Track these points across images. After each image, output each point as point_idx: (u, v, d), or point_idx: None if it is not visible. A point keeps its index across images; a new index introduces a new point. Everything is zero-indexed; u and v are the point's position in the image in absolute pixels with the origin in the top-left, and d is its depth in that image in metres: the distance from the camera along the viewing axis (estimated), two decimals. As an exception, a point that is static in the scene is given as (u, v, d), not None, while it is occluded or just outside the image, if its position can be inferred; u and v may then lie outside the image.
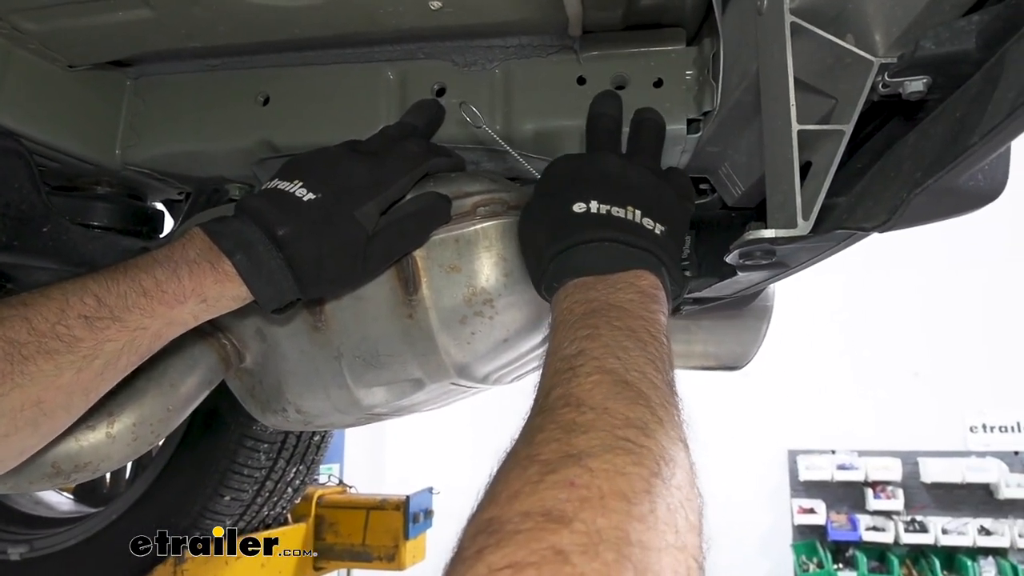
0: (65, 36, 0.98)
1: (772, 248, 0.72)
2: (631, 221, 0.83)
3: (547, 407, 0.63)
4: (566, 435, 0.57)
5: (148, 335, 0.79)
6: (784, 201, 0.72)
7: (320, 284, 0.87)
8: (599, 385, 0.63)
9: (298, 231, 0.83)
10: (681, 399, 0.69)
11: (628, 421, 0.59)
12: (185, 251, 0.81)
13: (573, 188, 0.86)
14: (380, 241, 0.89)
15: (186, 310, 0.80)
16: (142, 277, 0.78)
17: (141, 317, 0.77)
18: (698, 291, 1.03)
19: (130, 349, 0.77)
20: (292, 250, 0.83)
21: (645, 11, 0.97)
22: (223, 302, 0.83)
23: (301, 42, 1.04)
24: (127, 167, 1.15)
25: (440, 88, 1.07)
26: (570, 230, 0.83)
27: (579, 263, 0.81)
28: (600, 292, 0.77)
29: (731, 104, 0.92)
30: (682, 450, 0.60)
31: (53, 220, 1.07)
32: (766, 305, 1.15)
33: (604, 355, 0.67)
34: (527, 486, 0.52)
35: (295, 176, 0.88)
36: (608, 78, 1.02)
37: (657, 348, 0.70)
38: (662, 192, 0.88)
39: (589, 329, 0.71)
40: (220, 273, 0.81)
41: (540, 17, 0.96)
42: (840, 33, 0.75)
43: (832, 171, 0.71)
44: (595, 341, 0.69)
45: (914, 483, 6.27)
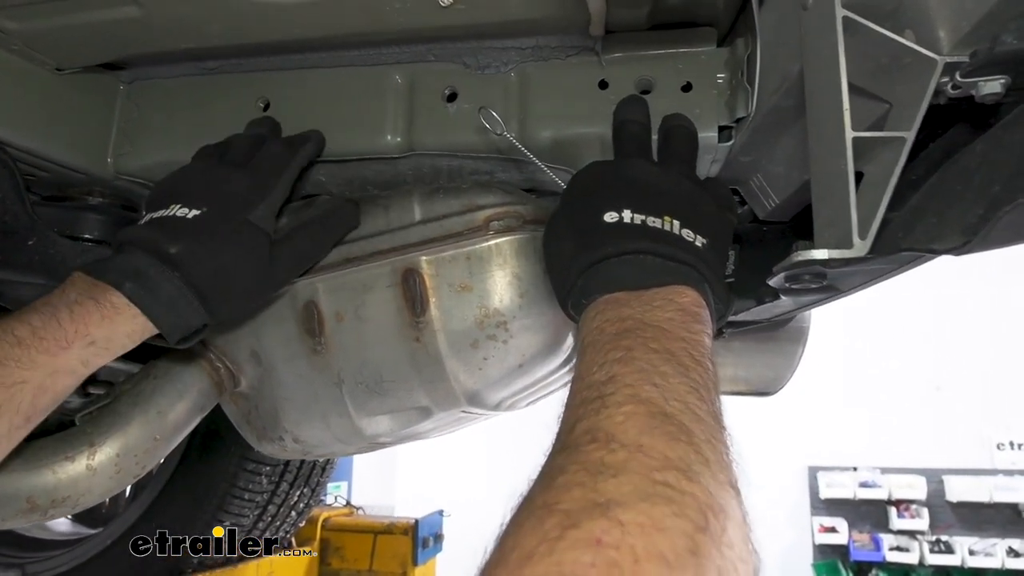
0: (50, 36, 0.91)
1: (823, 271, 0.64)
2: (669, 232, 0.75)
3: (571, 443, 0.54)
4: (592, 479, 0.48)
5: (30, 390, 0.71)
6: (836, 217, 0.64)
7: (227, 300, 0.80)
8: (633, 417, 0.54)
9: (191, 247, 0.76)
10: (730, 433, 0.60)
11: (668, 462, 0.50)
12: (64, 294, 0.75)
13: (603, 196, 0.78)
14: (287, 246, 0.84)
15: (72, 356, 0.73)
16: (15, 326, 0.72)
17: (17, 370, 0.70)
18: (733, 315, 0.95)
19: (10, 409, 0.70)
20: (188, 267, 0.76)
21: (673, 8, 0.90)
22: (116, 341, 0.76)
23: (302, 43, 0.97)
24: (120, 176, 1.08)
25: (451, 92, 0.99)
26: (601, 241, 0.74)
27: (611, 277, 0.73)
28: (635, 310, 0.69)
29: (767, 109, 0.84)
30: (733, 498, 0.51)
31: (39, 232, 1.00)
32: (802, 327, 1.07)
33: (639, 381, 0.58)
34: (543, 544, 0.43)
35: (168, 201, 0.82)
36: (632, 82, 0.95)
37: (701, 374, 0.62)
38: (701, 201, 0.80)
39: (622, 351, 0.63)
40: (106, 309, 0.74)
41: (559, 15, 0.88)
42: (898, 29, 0.67)
43: (892, 184, 0.63)
44: (629, 365, 0.61)
45: (939, 502, 6.12)
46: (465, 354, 0.88)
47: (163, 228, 0.78)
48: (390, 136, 0.99)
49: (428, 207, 0.92)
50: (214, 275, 0.77)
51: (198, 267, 0.76)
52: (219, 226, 0.79)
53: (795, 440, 6.40)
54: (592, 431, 0.54)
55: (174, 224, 0.79)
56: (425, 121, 0.99)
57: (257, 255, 0.80)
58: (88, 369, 0.75)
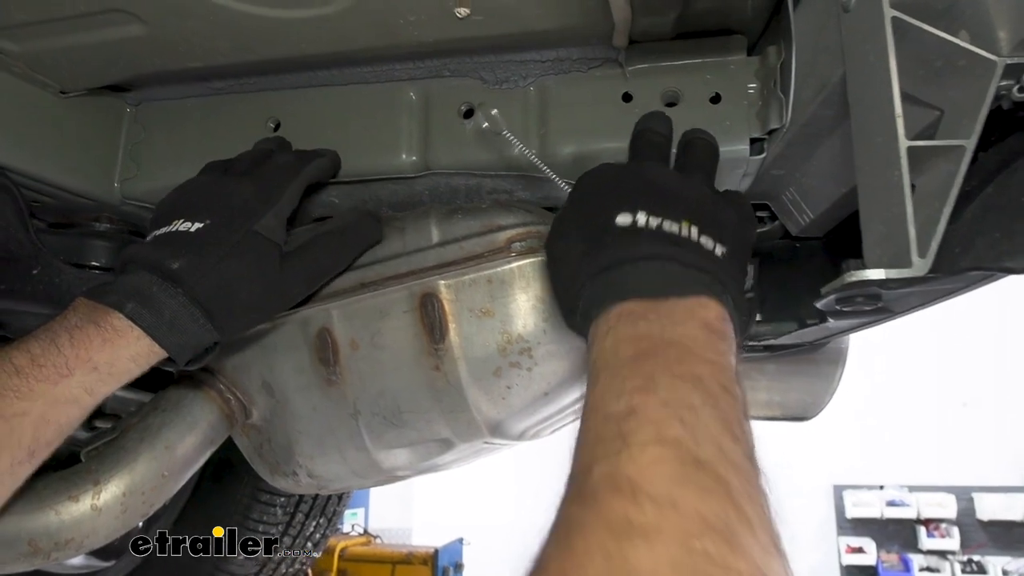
0: (53, 58, 0.88)
1: (878, 292, 0.59)
2: (687, 238, 0.68)
3: (589, 492, 0.48)
4: (618, 543, 0.42)
5: (31, 422, 0.67)
6: (890, 234, 0.59)
7: (237, 315, 0.76)
8: (661, 464, 0.47)
9: (193, 261, 0.72)
10: (767, 477, 0.54)
11: (705, 523, 0.43)
12: (65, 319, 0.71)
13: (616, 196, 0.71)
14: (299, 258, 0.79)
15: (74, 384, 0.69)
16: (14, 355, 0.68)
17: (17, 401, 0.66)
18: (772, 338, 0.90)
19: (10, 443, 0.66)
20: (192, 282, 0.72)
21: (701, 16, 0.85)
22: (120, 366, 0.71)
23: (313, 60, 0.93)
24: (127, 201, 1.05)
25: (468, 108, 0.95)
26: (614, 243, 0.68)
27: (625, 284, 0.66)
28: (654, 325, 0.62)
29: (804, 120, 0.80)
30: (781, 566, 0.45)
31: (44, 261, 0.97)
32: (840, 347, 1.02)
33: (665, 417, 0.51)
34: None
35: (171, 217, 0.78)
36: (658, 93, 0.90)
37: (731, 404, 0.56)
38: (721, 209, 0.74)
39: (642, 378, 0.56)
40: (107, 332, 0.70)
41: (581, 26, 0.84)
42: (952, 29, 0.62)
43: (952, 196, 0.58)
44: (651, 396, 0.54)
45: (969, 520, 5.99)
46: (487, 383, 0.84)
47: (166, 244, 0.75)
48: (405, 155, 0.95)
49: (446, 228, 0.88)
50: (219, 289, 0.73)
51: (202, 281, 0.72)
52: (223, 237, 0.75)
53: (820, 457, 6.29)
54: (613, 478, 0.47)
55: (177, 239, 0.75)
56: (441, 139, 0.95)
57: (265, 266, 0.76)
58: (93, 398, 0.71)
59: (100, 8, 0.78)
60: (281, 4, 0.79)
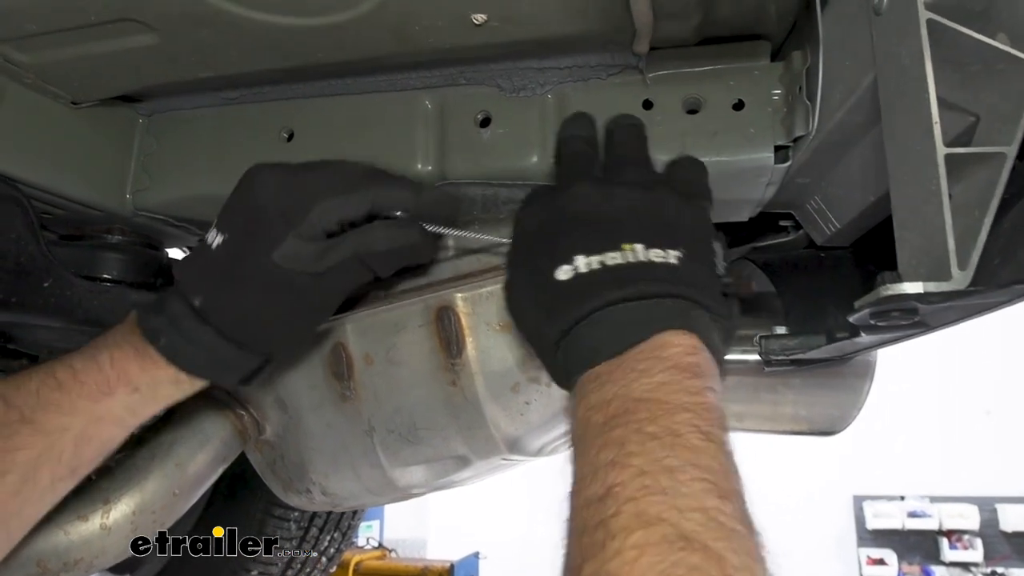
0: (64, 68, 0.87)
1: (915, 307, 0.56)
2: (634, 263, 0.62)
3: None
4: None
5: (71, 438, 0.66)
6: (927, 245, 0.56)
7: (274, 339, 0.73)
8: (646, 553, 0.44)
9: (212, 296, 0.69)
10: (762, 537, 0.49)
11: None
12: (111, 336, 0.70)
13: (549, 247, 0.66)
14: (332, 280, 0.73)
15: (116, 403, 0.67)
16: (57, 369, 0.66)
17: (59, 416, 0.65)
18: (801, 353, 0.87)
19: (51, 458, 0.65)
20: (216, 318, 0.69)
21: (724, 21, 0.83)
22: (162, 390, 0.70)
23: (326, 68, 0.91)
24: (139, 213, 1.04)
25: (485, 117, 0.93)
26: (562, 306, 0.63)
27: (583, 350, 0.62)
28: (619, 384, 0.57)
29: (831, 126, 0.77)
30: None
31: (55, 274, 0.95)
32: (868, 359, 0.99)
33: (643, 494, 0.48)
34: None
35: (219, 212, 0.75)
36: (679, 100, 0.88)
37: (716, 456, 0.51)
38: (660, 204, 0.68)
39: (615, 448, 0.52)
40: (146, 360, 0.68)
41: (601, 32, 0.82)
42: (989, 31, 0.60)
43: (993, 206, 0.55)
44: (625, 470, 0.50)
45: (993, 532, 5.89)
46: (505, 399, 0.81)
47: (196, 263, 0.72)
48: (421, 164, 0.94)
49: (462, 240, 0.86)
50: (244, 320, 0.70)
51: (226, 316, 0.69)
52: (238, 260, 0.70)
53: (839, 468, 6.21)
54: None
55: (203, 257, 0.72)
56: (457, 148, 0.93)
57: (289, 295, 0.71)
58: (136, 418, 0.71)
59: (110, 17, 0.77)
60: (295, 12, 0.78)
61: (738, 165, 0.86)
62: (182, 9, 0.75)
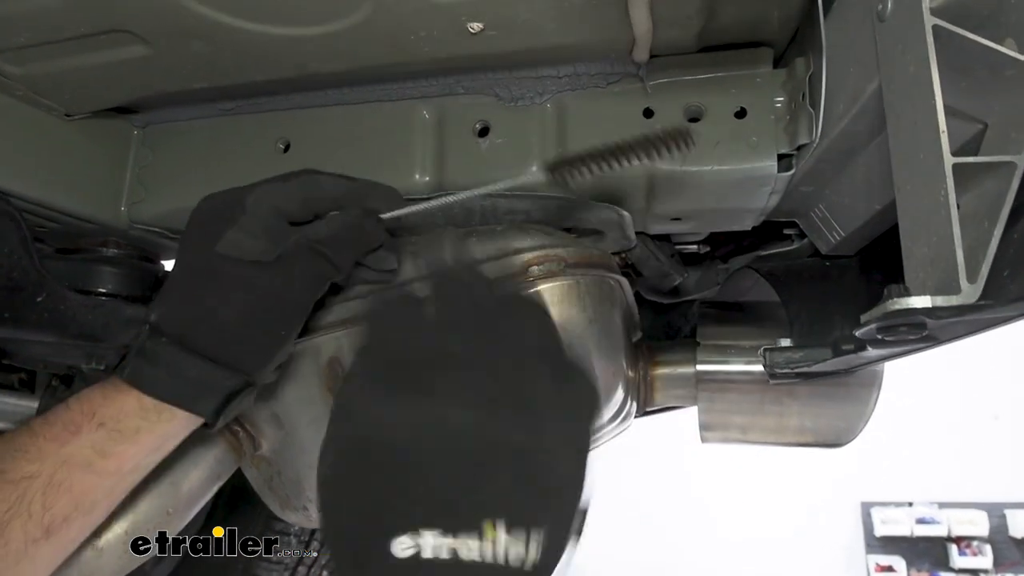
0: (56, 80, 0.86)
1: (924, 321, 0.54)
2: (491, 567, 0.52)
3: None
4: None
5: (39, 486, 0.63)
6: (935, 257, 0.55)
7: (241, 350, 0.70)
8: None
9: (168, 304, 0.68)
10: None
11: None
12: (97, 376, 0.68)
13: (375, 517, 0.55)
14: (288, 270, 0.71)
15: (82, 442, 0.64)
16: (35, 418, 0.65)
17: (26, 463, 0.62)
18: (805, 367, 0.86)
19: (20, 512, 0.62)
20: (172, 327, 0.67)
21: (725, 28, 0.81)
22: (128, 423, 0.66)
23: (322, 79, 0.90)
24: (135, 225, 1.03)
25: (483, 127, 0.92)
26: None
27: None
28: None
29: (834, 134, 0.76)
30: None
31: (48, 288, 0.94)
32: (875, 370, 0.97)
33: None
34: None
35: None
36: (680, 109, 0.86)
37: None
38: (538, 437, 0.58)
39: None
40: (110, 388, 0.66)
41: (600, 40, 0.81)
42: (997, 38, 0.58)
43: (1004, 217, 0.53)
44: None
45: (1002, 538, 5.83)
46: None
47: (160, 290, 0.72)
48: (418, 175, 0.92)
49: (461, 251, 0.85)
50: (202, 329, 0.68)
51: (181, 325, 0.68)
52: (186, 271, 0.71)
53: (846, 474, 6.16)
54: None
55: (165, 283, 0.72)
56: (456, 158, 0.92)
57: (241, 292, 0.69)
58: (105, 460, 0.66)
59: (101, 29, 0.76)
60: (288, 22, 0.76)
61: (741, 174, 0.84)
62: (173, 20, 0.74)
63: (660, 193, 0.89)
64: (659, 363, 1.08)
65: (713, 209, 0.94)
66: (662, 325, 1.38)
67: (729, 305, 1.16)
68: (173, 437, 0.71)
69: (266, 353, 0.72)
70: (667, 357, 1.08)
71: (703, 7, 0.75)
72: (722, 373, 1.02)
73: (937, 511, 5.99)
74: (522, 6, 0.74)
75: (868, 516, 6.15)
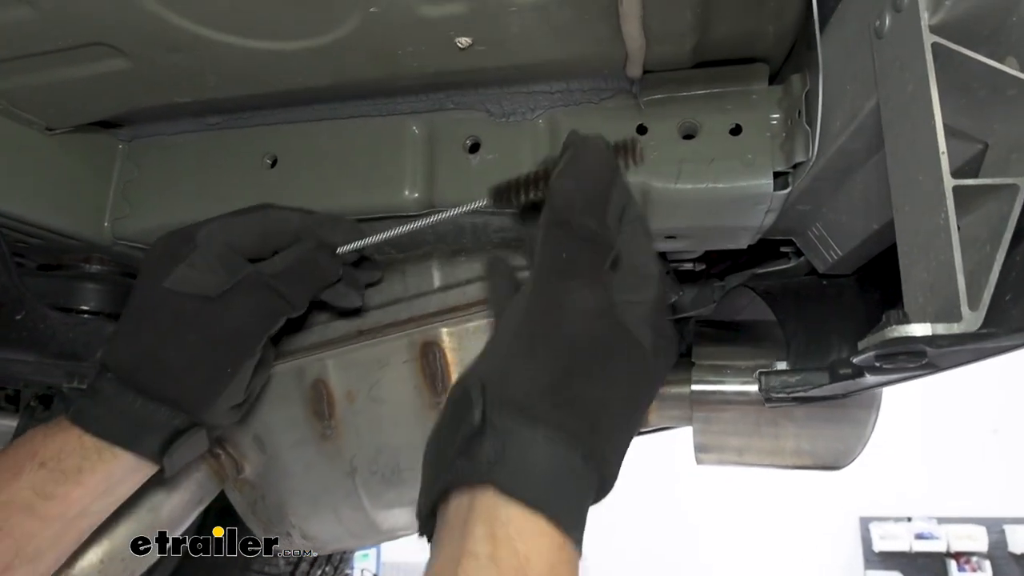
0: (35, 94, 0.84)
1: (923, 349, 0.52)
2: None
3: None
4: None
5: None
6: (935, 283, 0.53)
7: (184, 386, 0.67)
8: None
9: (114, 341, 0.67)
10: None
11: None
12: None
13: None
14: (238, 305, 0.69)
15: (23, 484, 0.62)
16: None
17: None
18: (801, 391, 0.84)
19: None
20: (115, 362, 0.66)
21: (720, 43, 0.80)
22: (69, 461, 0.64)
23: (310, 93, 0.89)
24: (119, 242, 1.00)
25: (474, 143, 0.90)
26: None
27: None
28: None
29: (831, 153, 0.74)
30: None
31: (28, 306, 0.91)
32: (874, 393, 0.95)
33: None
34: None
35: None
36: (675, 126, 0.85)
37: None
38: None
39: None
40: (52, 426, 0.64)
41: (592, 55, 0.79)
42: (998, 55, 0.56)
43: (1006, 240, 0.51)
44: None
45: (1001, 553, 5.80)
46: (492, 438, 0.78)
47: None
48: (408, 192, 0.90)
49: (449, 272, 0.83)
50: (144, 364, 0.66)
51: (124, 360, 0.66)
52: (132, 308, 0.70)
53: (845, 488, 6.13)
54: None
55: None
56: (446, 175, 0.90)
57: (185, 326, 0.67)
58: (48, 502, 0.63)
59: (80, 42, 0.74)
60: (271, 36, 0.75)
61: (736, 192, 0.82)
62: (153, 34, 0.72)
63: (654, 211, 0.88)
64: (653, 383, 1.06)
65: (708, 227, 0.92)
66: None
67: (725, 324, 1.14)
68: (121, 480, 0.68)
69: (212, 390, 0.70)
70: (662, 377, 1.06)
71: (697, 22, 0.73)
72: (718, 393, 1.00)
73: (936, 526, 5.97)
74: (511, 21, 0.72)
75: (867, 531, 6.12)
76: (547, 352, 0.55)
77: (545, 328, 0.57)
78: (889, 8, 0.59)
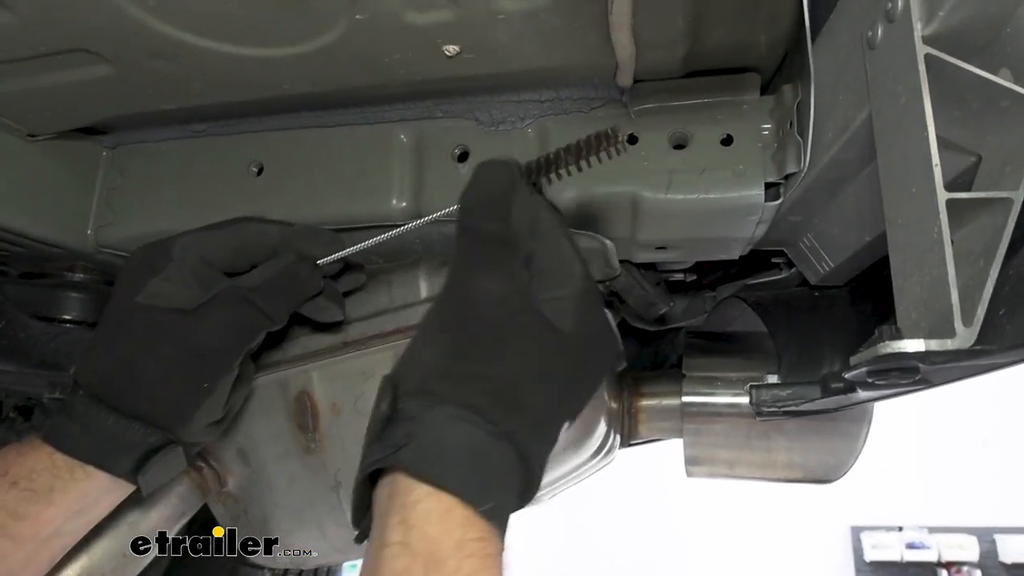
0: (16, 100, 0.83)
1: (916, 366, 0.51)
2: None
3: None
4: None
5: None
6: (928, 298, 0.52)
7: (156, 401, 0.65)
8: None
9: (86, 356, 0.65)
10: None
11: None
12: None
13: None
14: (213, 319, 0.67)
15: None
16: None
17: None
18: (792, 405, 0.83)
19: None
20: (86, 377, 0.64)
21: (711, 53, 0.79)
22: (40, 480, 0.62)
23: (296, 100, 0.87)
24: (102, 250, 0.99)
25: (463, 152, 0.89)
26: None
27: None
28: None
29: (823, 164, 0.73)
30: None
31: (8, 315, 0.91)
32: (866, 406, 0.94)
33: None
34: None
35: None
36: (666, 135, 0.84)
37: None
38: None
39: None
40: (24, 445, 0.63)
41: (582, 64, 0.78)
42: (991, 67, 0.55)
43: (1000, 254, 0.51)
44: None
45: (992, 563, 5.79)
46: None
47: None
48: (395, 201, 0.89)
49: (436, 282, 0.82)
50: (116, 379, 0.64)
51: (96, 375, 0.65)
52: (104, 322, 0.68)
53: (836, 498, 6.12)
54: None
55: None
56: (434, 184, 0.89)
57: (158, 340, 0.65)
58: (20, 523, 0.62)
59: (61, 48, 0.72)
60: (256, 42, 0.73)
61: (727, 203, 0.81)
62: (135, 39, 0.71)
63: (644, 221, 0.87)
64: (644, 394, 1.05)
65: (699, 238, 0.91)
66: (648, 354, 1.35)
67: (716, 335, 1.13)
68: (95, 500, 0.67)
69: (188, 406, 0.68)
70: (652, 388, 1.05)
71: (687, 31, 0.73)
72: (709, 405, 0.99)
73: (927, 536, 5.96)
74: (499, 29, 0.71)
75: (858, 540, 6.10)
76: (446, 336, 0.58)
77: (446, 317, 0.60)
78: (882, 18, 0.59)
